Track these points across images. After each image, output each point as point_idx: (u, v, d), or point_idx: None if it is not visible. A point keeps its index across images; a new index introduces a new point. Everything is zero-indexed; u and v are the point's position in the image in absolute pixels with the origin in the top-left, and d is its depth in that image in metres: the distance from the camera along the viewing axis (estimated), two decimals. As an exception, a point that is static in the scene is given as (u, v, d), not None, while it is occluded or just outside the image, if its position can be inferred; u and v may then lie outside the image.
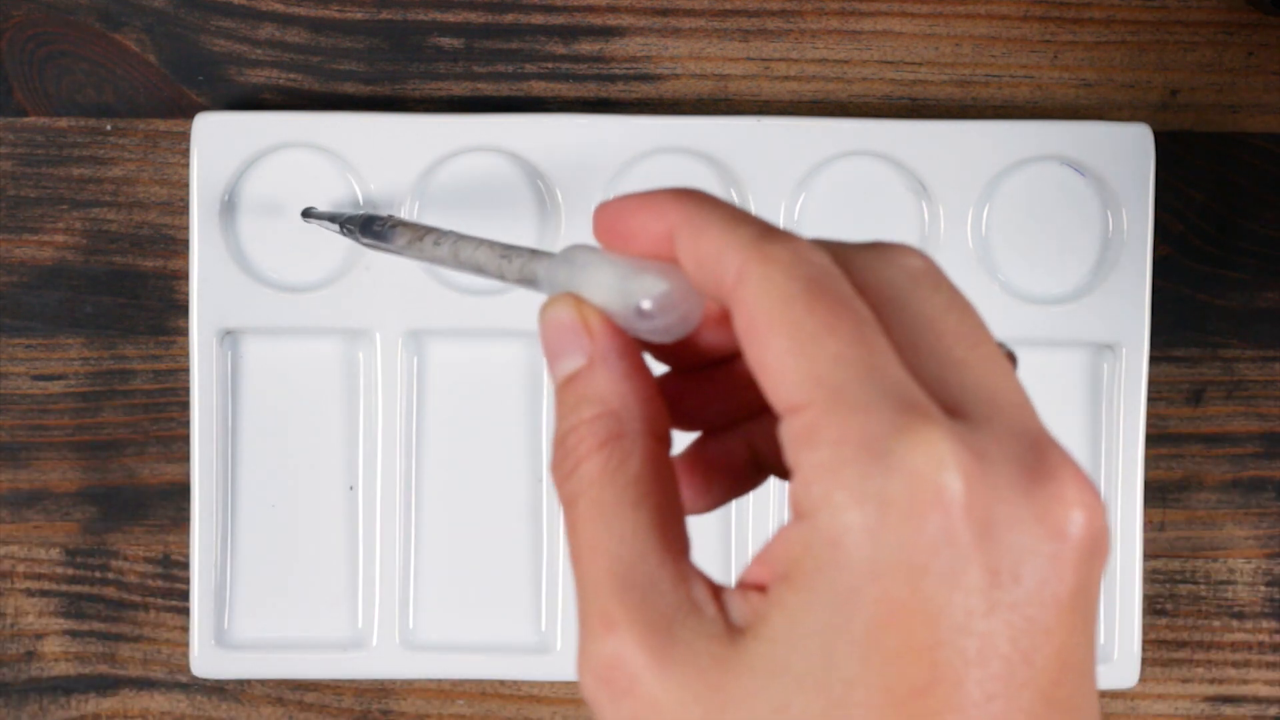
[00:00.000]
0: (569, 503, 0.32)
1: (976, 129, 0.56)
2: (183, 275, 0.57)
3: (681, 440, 0.34)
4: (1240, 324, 0.58)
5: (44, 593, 0.58)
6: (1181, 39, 0.58)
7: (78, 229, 0.57)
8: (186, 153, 0.57)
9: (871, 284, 0.31)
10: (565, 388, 0.32)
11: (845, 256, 0.31)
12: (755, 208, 0.56)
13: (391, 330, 0.56)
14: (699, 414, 0.35)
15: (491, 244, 0.38)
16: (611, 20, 0.57)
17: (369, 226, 0.49)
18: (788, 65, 0.58)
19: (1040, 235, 0.57)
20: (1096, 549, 0.29)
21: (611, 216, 0.32)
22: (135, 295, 0.58)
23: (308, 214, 0.55)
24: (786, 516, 0.30)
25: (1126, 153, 0.56)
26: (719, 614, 0.30)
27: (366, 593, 0.57)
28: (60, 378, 0.58)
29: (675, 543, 0.31)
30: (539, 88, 0.57)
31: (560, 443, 0.32)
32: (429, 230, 0.44)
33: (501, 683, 0.58)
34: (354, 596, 0.57)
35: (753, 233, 0.30)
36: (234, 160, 0.55)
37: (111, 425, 0.58)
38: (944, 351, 0.30)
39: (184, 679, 0.58)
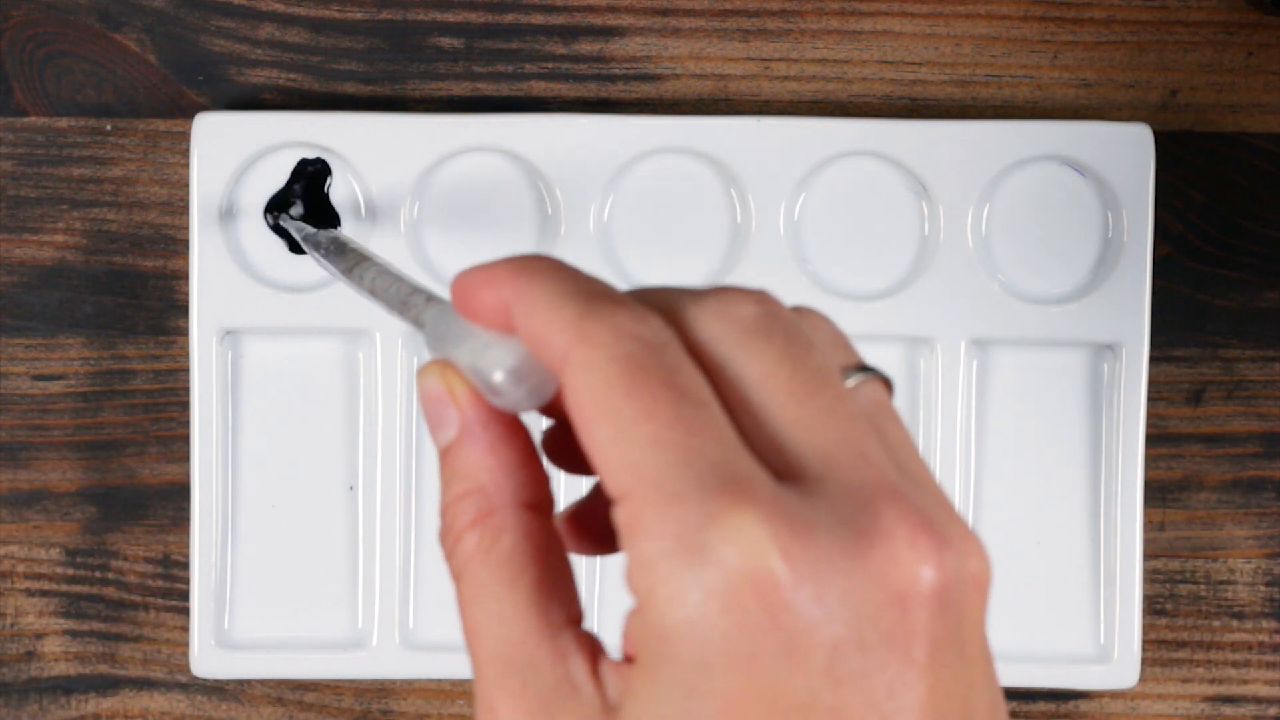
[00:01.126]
0: (455, 578, 0.32)
1: (976, 129, 0.56)
2: (183, 275, 0.57)
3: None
4: (1240, 324, 0.58)
5: (44, 593, 0.58)
6: (1181, 39, 0.58)
7: (78, 229, 0.57)
8: (186, 153, 0.57)
9: (703, 344, 0.30)
10: (442, 460, 0.33)
11: (679, 314, 0.30)
12: (755, 208, 0.56)
13: (391, 330, 0.56)
14: (587, 462, 0.34)
15: (403, 283, 0.38)
16: (611, 20, 0.57)
17: (312, 243, 0.50)
18: (788, 65, 0.58)
19: (1040, 235, 0.57)
20: (952, 597, 0.28)
21: (461, 289, 0.32)
22: (135, 295, 0.58)
23: (268, 213, 0.55)
24: None
25: (1126, 153, 0.56)
26: (595, 692, 0.30)
27: (366, 593, 0.57)
28: (60, 378, 0.58)
29: (557, 614, 0.31)
30: (539, 88, 0.57)
31: (441, 516, 0.32)
32: (360, 258, 0.45)
33: (501, 683, 0.58)
34: (354, 596, 0.57)
35: (576, 310, 0.30)
36: (234, 160, 0.55)
37: (111, 425, 0.58)
38: (776, 411, 0.29)
39: (184, 679, 0.58)
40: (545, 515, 0.32)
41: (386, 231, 0.56)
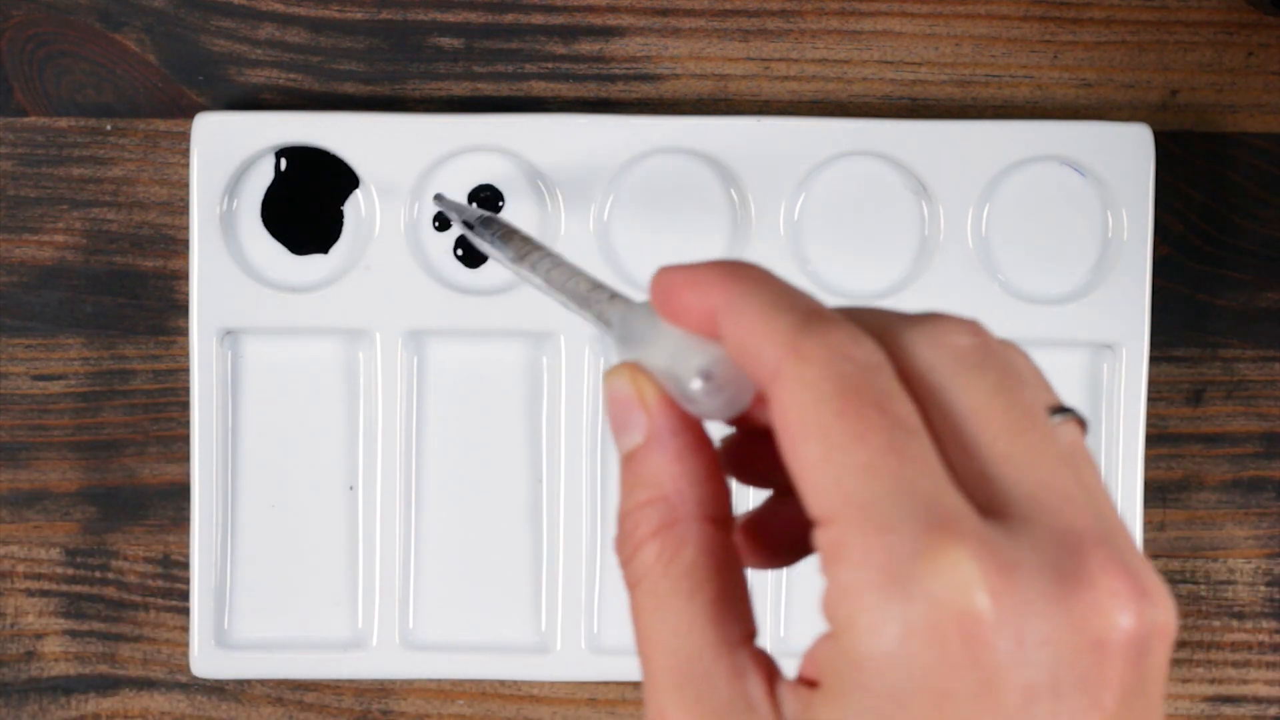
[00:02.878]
0: (631, 587, 0.31)
1: (976, 129, 0.56)
2: (183, 275, 0.57)
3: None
4: (1240, 324, 0.58)
5: (44, 593, 0.58)
6: (1181, 39, 0.58)
7: (78, 229, 0.57)
8: (186, 153, 0.57)
9: (916, 371, 0.30)
10: (625, 465, 0.32)
11: (892, 338, 0.30)
12: (755, 208, 0.56)
13: (391, 330, 0.56)
14: (768, 475, 0.34)
15: (582, 277, 0.37)
16: (611, 20, 0.57)
17: (484, 227, 0.49)
18: (788, 65, 0.58)
19: (1040, 235, 0.57)
20: (1145, 647, 0.28)
21: (664, 288, 0.32)
22: (135, 295, 0.58)
23: (439, 198, 0.54)
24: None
25: (1126, 153, 0.56)
26: (772, 712, 0.30)
27: (366, 593, 0.57)
28: (60, 378, 0.58)
29: (734, 631, 0.31)
30: (539, 88, 0.57)
31: (620, 523, 0.32)
32: (533, 248, 0.43)
33: (501, 683, 0.58)
34: (354, 596, 0.57)
35: (791, 324, 0.29)
36: (234, 160, 0.55)
37: (111, 425, 0.58)
38: (986, 445, 0.29)
39: (184, 679, 0.58)
40: (726, 530, 0.32)
41: (387, 227, 0.56)
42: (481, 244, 0.49)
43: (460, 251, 0.56)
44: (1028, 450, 0.29)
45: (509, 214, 0.56)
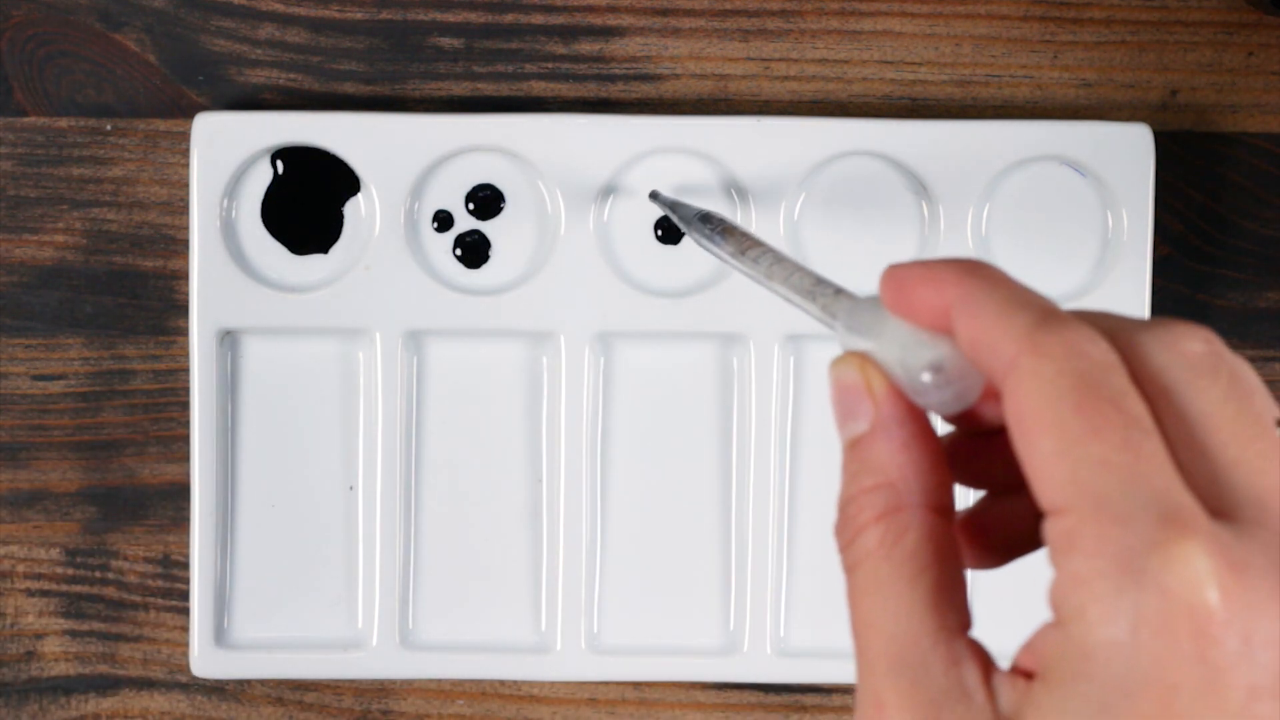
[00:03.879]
0: (849, 571, 0.32)
1: (976, 129, 0.56)
2: (183, 275, 0.57)
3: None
4: (1240, 324, 0.58)
5: (44, 593, 0.58)
6: (1181, 39, 0.58)
7: (78, 229, 0.57)
8: (186, 153, 0.57)
9: (1149, 373, 0.30)
10: (849, 452, 0.32)
11: (1125, 341, 0.31)
12: (755, 208, 0.56)
13: (391, 330, 0.56)
14: (985, 475, 0.35)
15: (805, 272, 0.38)
16: (611, 20, 0.57)
17: (703, 223, 0.49)
18: (788, 65, 0.58)
19: (1040, 235, 0.57)
20: None
21: (896, 283, 0.32)
22: (135, 295, 0.58)
23: (654, 196, 0.55)
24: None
25: (1126, 153, 0.56)
26: (987, 701, 0.30)
27: (366, 593, 0.57)
28: (60, 378, 0.58)
29: (951, 619, 0.31)
30: (539, 88, 0.57)
31: (842, 509, 0.32)
32: (753, 244, 0.44)
33: (501, 683, 0.58)
34: (354, 596, 0.57)
35: (1029, 320, 0.30)
36: (234, 160, 0.55)
37: (111, 425, 0.58)
38: (1217, 449, 0.30)
39: (184, 679, 0.58)
40: (948, 520, 0.32)
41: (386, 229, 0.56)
42: (700, 240, 0.49)
43: (459, 251, 0.56)
44: (1258, 457, 0.30)
45: (509, 214, 0.56)
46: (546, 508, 0.57)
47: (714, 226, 0.49)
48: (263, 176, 0.56)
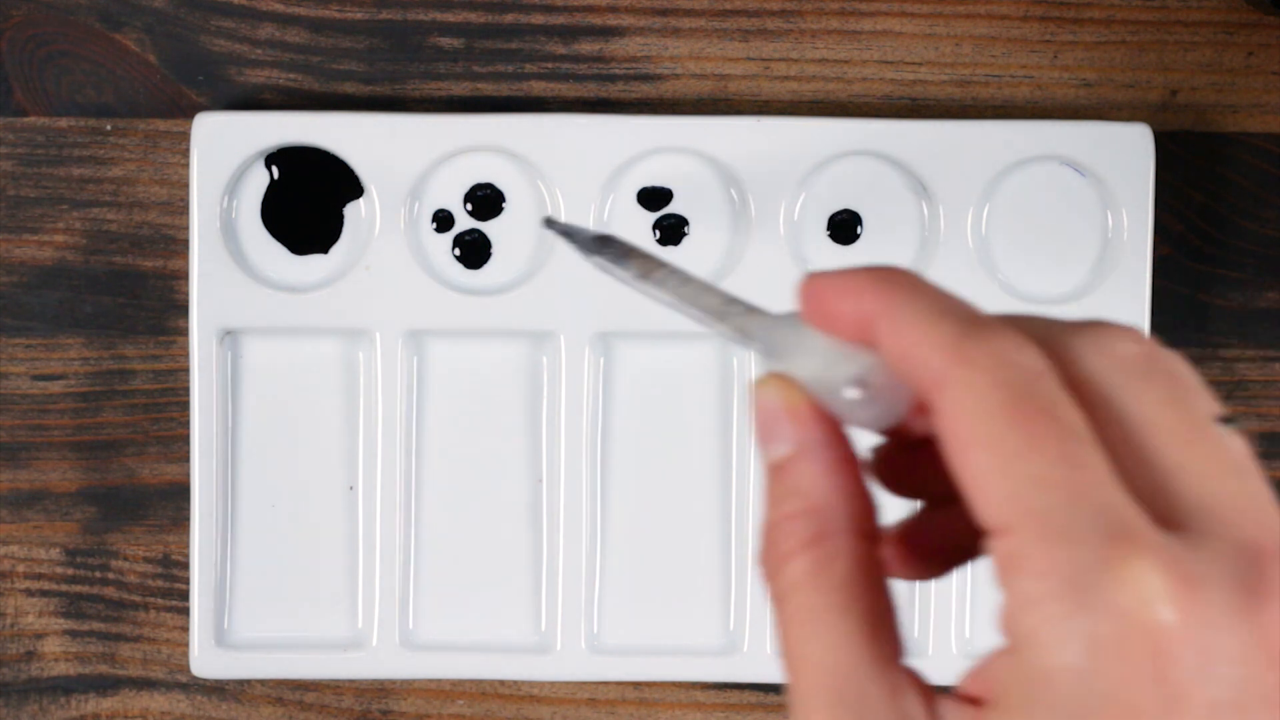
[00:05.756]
0: (777, 600, 0.31)
1: (976, 129, 0.56)
2: (183, 275, 0.57)
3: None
4: (1240, 324, 0.58)
5: (44, 593, 0.58)
6: (1181, 39, 0.58)
7: (78, 229, 0.57)
8: (186, 153, 0.57)
9: (1083, 379, 0.29)
10: (773, 476, 0.31)
11: (1056, 345, 0.29)
12: (755, 208, 0.56)
13: (391, 330, 0.56)
14: (919, 486, 0.33)
15: (714, 292, 0.36)
16: (611, 20, 0.57)
17: (602, 246, 0.48)
18: (788, 65, 0.58)
19: (1040, 235, 0.57)
20: None
21: (814, 296, 0.31)
22: (135, 295, 0.58)
23: (550, 223, 0.54)
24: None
25: (1126, 153, 0.56)
26: None
27: (366, 593, 0.57)
28: (60, 378, 0.58)
29: (887, 648, 0.30)
30: (539, 88, 0.57)
31: (767, 534, 0.31)
32: (657, 265, 0.43)
33: (501, 683, 0.58)
34: (354, 596, 0.57)
35: (954, 330, 0.29)
36: (234, 160, 0.55)
37: (111, 425, 0.58)
38: (1158, 455, 0.28)
39: (184, 679, 0.58)
40: (876, 545, 0.31)
41: (389, 231, 0.56)
42: (601, 266, 0.48)
43: (459, 251, 0.56)
44: (1201, 460, 0.28)
45: (509, 214, 0.56)
46: (546, 508, 0.57)
47: (614, 251, 0.48)
48: (263, 176, 0.56)
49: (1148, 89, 0.58)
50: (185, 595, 0.58)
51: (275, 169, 0.56)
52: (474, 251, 0.56)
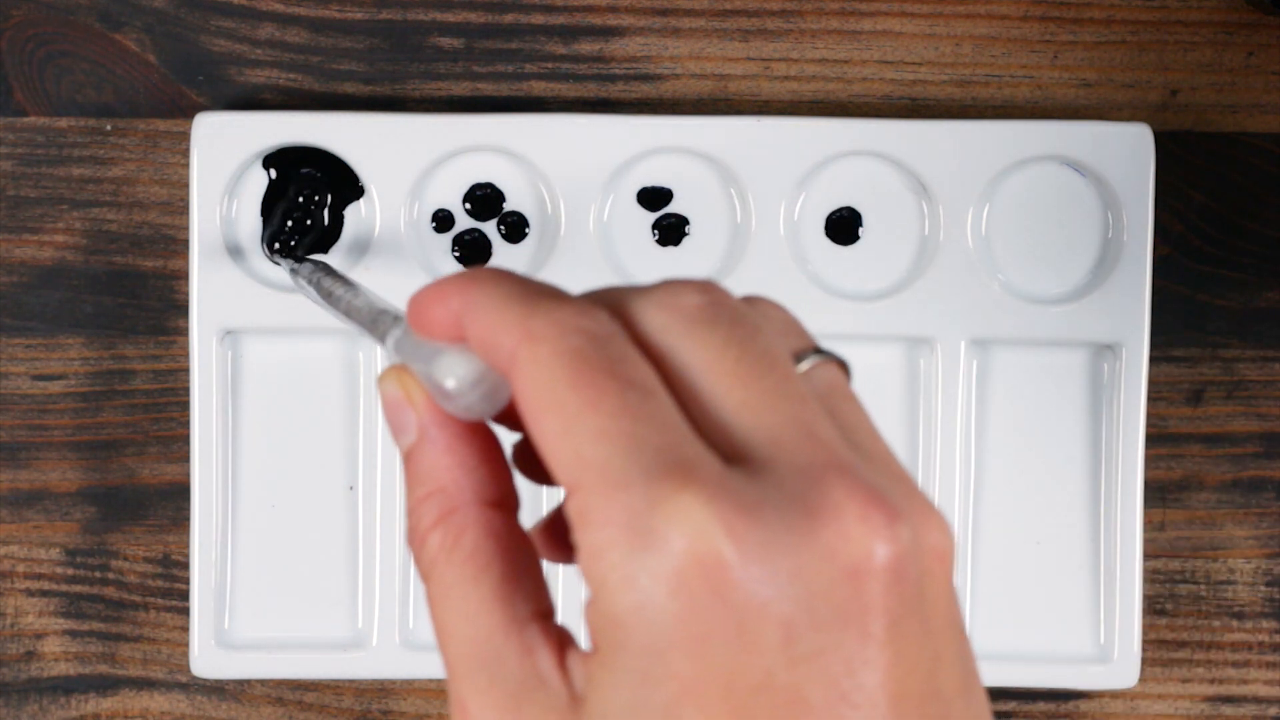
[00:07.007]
0: (424, 581, 0.32)
1: (976, 129, 0.56)
2: (183, 275, 0.57)
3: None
4: (1240, 324, 0.58)
5: (44, 593, 0.58)
6: (1181, 39, 0.58)
7: (78, 229, 0.57)
8: (186, 153, 0.57)
9: (648, 335, 0.30)
10: (406, 464, 0.33)
11: (624, 309, 0.31)
12: (755, 208, 0.56)
13: (391, 330, 0.56)
14: (546, 473, 0.34)
15: (371, 304, 0.40)
16: (611, 20, 0.57)
17: (273, 247, 0.51)
18: (788, 65, 0.58)
19: (1040, 235, 0.57)
20: (907, 570, 0.28)
21: (415, 308, 0.33)
22: (135, 295, 0.58)
23: (270, 248, 0.56)
24: None
25: (1126, 153, 0.56)
26: (562, 684, 0.30)
27: (366, 593, 0.57)
28: (60, 378, 0.58)
29: (523, 609, 0.31)
30: (539, 88, 0.57)
31: (408, 519, 0.33)
32: (337, 283, 0.46)
33: (501, 683, 0.58)
34: (354, 596, 0.57)
35: (520, 311, 0.30)
36: (234, 160, 0.55)
37: (111, 425, 0.58)
38: (722, 396, 0.30)
39: (184, 679, 0.58)
40: (508, 511, 0.32)
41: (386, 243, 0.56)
42: (300, 288, 0.51)
43: (459, 252, 0.56)
44: (764, 394, 0.29)
45: (509, 214, 0.56)
46: (546, 507, 0.57)
47: (307, 276, 0.50)
48: (263, 176, 0.56)
49: (1148, 89, 0.58)
50: (185, 595, 0.58)
51: (273, 170, 0.56)
52: (474, 251, 0.56)
